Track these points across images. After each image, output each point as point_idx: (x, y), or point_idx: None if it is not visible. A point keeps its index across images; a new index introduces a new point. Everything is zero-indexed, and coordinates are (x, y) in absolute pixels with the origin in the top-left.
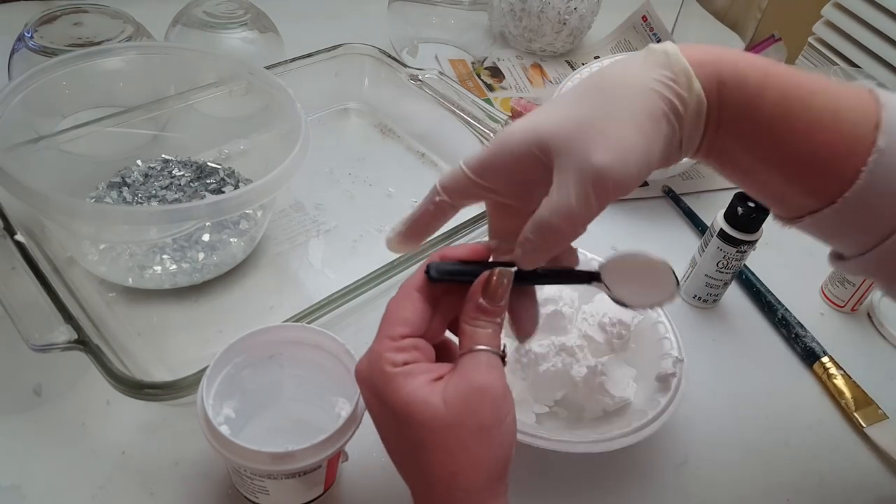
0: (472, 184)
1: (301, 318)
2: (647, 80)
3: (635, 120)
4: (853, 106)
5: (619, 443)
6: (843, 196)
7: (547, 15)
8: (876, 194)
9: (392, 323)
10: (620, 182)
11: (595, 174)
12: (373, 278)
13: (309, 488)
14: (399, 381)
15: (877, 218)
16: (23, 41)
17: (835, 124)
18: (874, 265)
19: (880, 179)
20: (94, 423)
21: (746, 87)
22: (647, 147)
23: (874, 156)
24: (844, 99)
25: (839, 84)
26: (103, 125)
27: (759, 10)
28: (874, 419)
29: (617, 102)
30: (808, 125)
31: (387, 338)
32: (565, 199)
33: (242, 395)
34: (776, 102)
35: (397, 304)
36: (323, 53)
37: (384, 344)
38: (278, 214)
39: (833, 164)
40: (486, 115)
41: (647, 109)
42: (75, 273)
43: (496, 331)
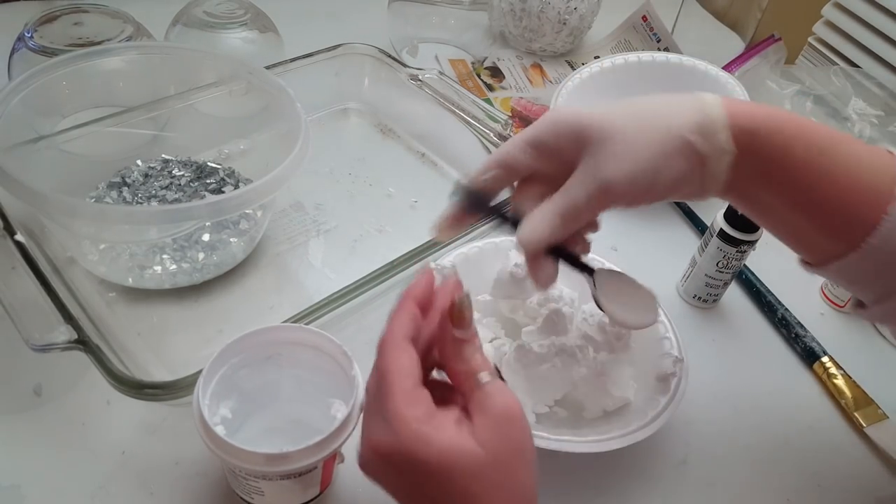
0: (523, 153)
1: (301, 318)
2: (678, 120)
3: (651, 151)
4: (874, 160)
5: (619, 442)
6: (866, 241)
7: (547, 15)
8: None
9: (401, 376)
10: (622, 196)
11: (603, 183)
12: (373, 278)
13: (304, 489)
14: (432, 436)
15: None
16: (23, 41)
17: (857, 175)
18: (894, 313)
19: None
20: (94, 423)
21: (777, 138)
22: (655, 176)
23: (894, 204)
24: (866, 154)
25: (861, 142)
26: (103, 125)
27: (759, 10)
28: (874, 419)
29: (646, 132)
30: (832, 174)
31: (401, 393)
32: (574, 195)
33: (239, 396)
34: (804, 153)
35: (396, 358)
36: (323, 53)
37: (402, 400)
38: (278, 214)
39: (856, 210)
40: (486, 115)
41: (667, 146)
42: (75, 273)
43: (481, 354)
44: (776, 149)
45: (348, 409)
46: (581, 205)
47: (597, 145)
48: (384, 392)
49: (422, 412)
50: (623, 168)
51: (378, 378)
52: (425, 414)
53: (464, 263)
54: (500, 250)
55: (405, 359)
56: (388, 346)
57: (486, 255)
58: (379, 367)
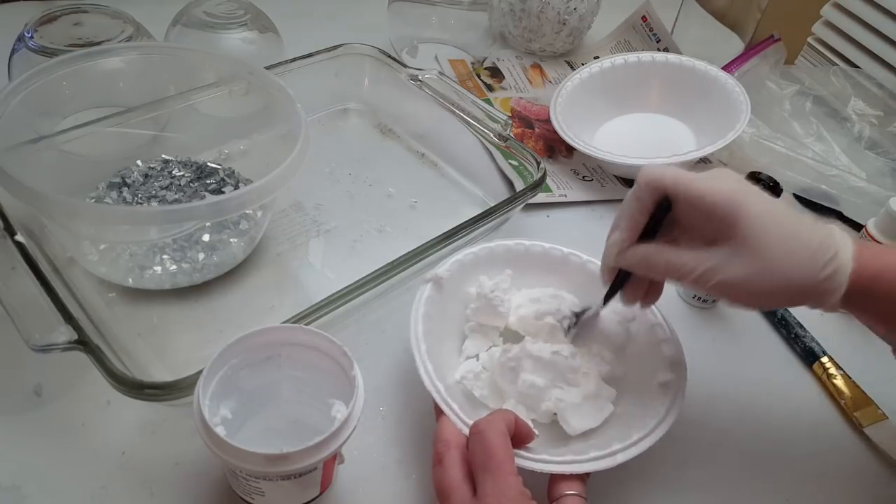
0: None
1: (301, 318)
2: (808, 271)
3: (776, 287)
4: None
5: (624, 455)
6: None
7: (547, 15)
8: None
9: (511, 460)
10: (728, 296)
11: (724, 282)
12: (373, 278)
13: (304, 490)
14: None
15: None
16: (23, 41)
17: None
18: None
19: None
20: (94, 423)
21: (891, 291)
22: (766, 302)
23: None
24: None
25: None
26: (103, 125)
27: (758, 10)
28: (873, 419)
29: (782, 266)
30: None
31: (512, 475)
32: (693, 265)
33: (240, 396)
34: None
35: (504, 443)
36: (323, 53)
37: (516, 481)
38: (278, 214)
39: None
40: (485, 116)
41: (791, 289)
42: (75, 273)
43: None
44: (893, 300)
45: (348, 409)
46: (685, 276)
47: (739, 245)
48: (497, 471)
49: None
50: (749, 286)
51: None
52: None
53: (459, 270)
54: (495, 256)
55: (505, 441)
56: (494, 428)
57: (481, 261)
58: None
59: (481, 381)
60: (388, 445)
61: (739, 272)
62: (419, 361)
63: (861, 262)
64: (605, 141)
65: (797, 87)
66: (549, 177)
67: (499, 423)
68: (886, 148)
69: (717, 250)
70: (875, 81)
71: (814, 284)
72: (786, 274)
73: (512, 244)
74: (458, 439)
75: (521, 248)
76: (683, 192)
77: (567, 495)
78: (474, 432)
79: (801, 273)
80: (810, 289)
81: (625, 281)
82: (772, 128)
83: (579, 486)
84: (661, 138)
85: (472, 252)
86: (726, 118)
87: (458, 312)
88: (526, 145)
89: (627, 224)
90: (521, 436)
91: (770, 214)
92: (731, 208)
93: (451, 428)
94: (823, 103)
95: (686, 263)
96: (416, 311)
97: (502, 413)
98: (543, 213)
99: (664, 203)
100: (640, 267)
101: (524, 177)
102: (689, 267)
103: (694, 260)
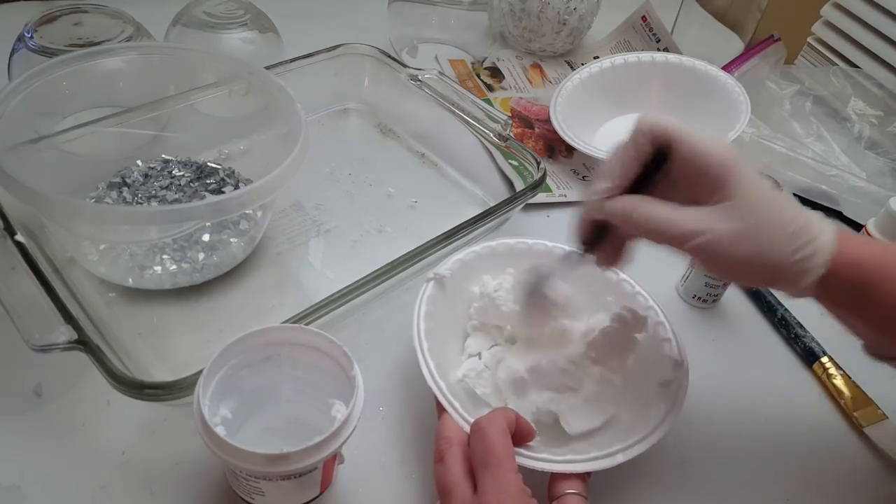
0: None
1: (301, 318)
2: (788, 248)
3: (753, 265)
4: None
5: (624, 455)
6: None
7: (547, 15)
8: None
9: (511, 458)
10: (705, 262)
11: (706, 245)
12: (373, 278)
13: (304, 490)
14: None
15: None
16: (23, 41)
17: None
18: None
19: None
20: (94, 423)
21: (864, 277)
22: (744, 275)
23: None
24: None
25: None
26: (103, 125)
27: (758, 10)
28: (873, 419)
29: (765, 240)
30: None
31: (512, 472)
32: (675, 220)
33: (240, 396)
34: (888, 288)
35: (505, 441)
36: (323, 53)
37: (516, 478)
38: (278, 214)
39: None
40: (485, 116)
41: (767, 266)
42: (75, 273)
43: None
44: (864, 287)
45: (348, 409)
46: (670, 233)
47: (728, 206)
48: (499, 467)
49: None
50: (730, 250)
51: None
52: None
53: (461, 269)
54: (497, 254)
55: (506, 440)
56: (495, 428)
57: (483, 260)
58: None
59: (483, 379)
60: (388, 445)
61: (724, 233)
62: (421, 359)
63: (841, 249)
64: (605, 141)
65: (797, 87)
66: (549, 177)
67: (499, 421)
68: (886, 148)
69: (704, 209)
70: (875, 81)
71: (793, 261)
72: (768, 241)
73: (514, 243)
74: (460, 437)
75: (523, 247)
76: (687, 141)
77: (568, 494)
78: (475, 430)
79: (783, 245)
80: (788, 265)
81: (598, 240)
82: (772, 128)
83: (580, 485)
84: None
85: (473, 251)
86: (726, 118)
87: (459, 311)
88: (526, 145)
89: (620, 171)
90: (522, 434)
91: (760, 183)
92: (725, 167)
93: (453, 425)
94: (823, 103)
95: (671, 219)
96: (418, 309)
97: (503, 411)
98: (543, 213)
99: (661, 153)
100: (624, 218)
101: (524, 177)
102: (674, 223)
103: (682, 216)
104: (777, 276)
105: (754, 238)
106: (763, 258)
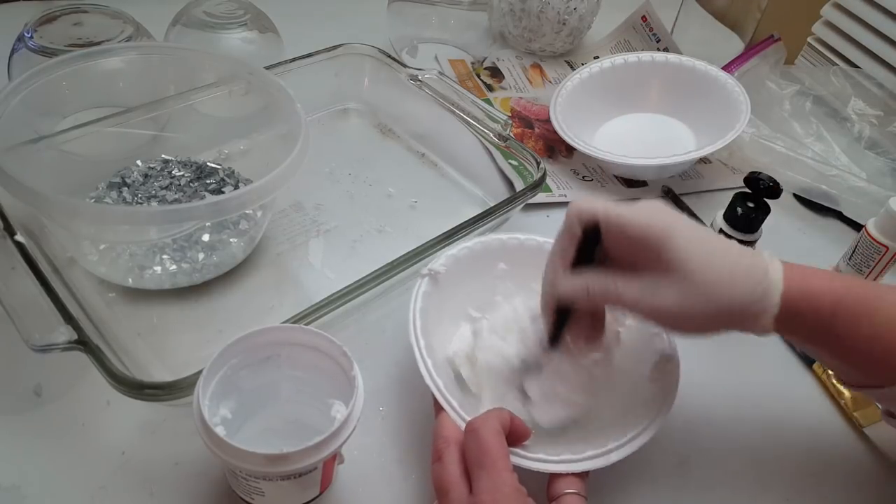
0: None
1: (300, 318)
2: (739, 292)
3: (707, 315)
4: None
5: (619, 454)
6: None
7: (547, 15)
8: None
9: (506, 457)
10: (661, 323)
11: (655, 310)
12: (373, 278)
13: (304, 490)
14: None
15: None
16: (23, 41)
17: (892, 334)
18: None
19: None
20: (94, 423)
21: (822, 311)
22: (701, 327)
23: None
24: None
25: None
26: (103, 125)
27: (758, 10)
28: (873, 419)
29: (711, 290)
30: (871, 336)
31: (507, 471)
32: (623, 291)
33: (239, 396)
34: (850, 321)
35: (499, 441)
36: (323, 53)
37: (511, 477)
38: (278, 214)
39: (892, 363)
40: (485, 116)
41: (721, 315)
42: (75, 273)
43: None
44: (823, 320)
45: (348, 409)
46: (619, 304)
47: (668, 270)
48: (494, 467)
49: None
50: (682, 311)
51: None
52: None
53: (454, 265)
54: (489, 250)
55: (500, 441)
56: (489, 428)
57: (475, 255)
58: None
59: (469, 362)
60: (387, 445)
61: (670, 297)
62: (419, 357)
63: (789, 281)
64: (605, 141)
65: (797, 87)
66: (549, 177)
67: (493, 422)
68: (886, 148)
69: (647, 278)
70: (875, 81)
71: (747, 304)
72: (717, 295)
73: (506, 238)
74: (458, 436)
75: (515, 243)
76: (614, 217)
77: (566, 494)
78: (469, 430)
79: (732, 293)
80: (743, 308)
81: (566, 320)
82: (772, 128)
83: (578, 485)
84: (661, 138)
85: (466, 247)
86: (726, 118)
87: (454, 307)
88: (526, 145)
89: (559, 255)
90: (517, 434)
91: (698, 240)
92: (657, 233)
93: (451, 425)
94: (823, 103)
95: (611, 290)
96: (413, 306)
97: (497, 411)
98: (543, 213)
99: (593, 233)
100: (577, 293)
101: (524, 177)
102: (615, 294)
103: (622, 287)
104: (739, 317)
105: (702, 295)
106: (717, 311)
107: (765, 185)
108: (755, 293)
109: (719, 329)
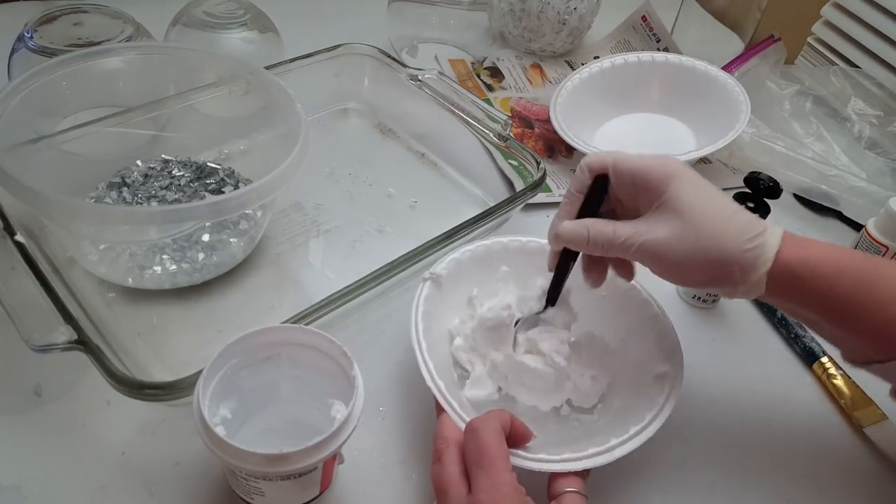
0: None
1: (300, 318)
2: (733, 243)
3: (699, 262)
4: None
5: (621, 451)
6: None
7: (547, 15)
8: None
9: (505, 457)
10: (654, 266)
11: (648, 249)
12: (373, 279)
13: (304, 490)
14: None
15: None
16: (23, 41)
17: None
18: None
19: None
20: (94, 423)
21: (824, 277)
22: (692, 275)
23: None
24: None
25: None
26: (103, 125)
27: (758, 10)
28: (873, 419)
29: (705, 235)
30: (874, 305)
31: (506, 470)
32: (620, 232)
33: (240, 396)
34: (852, 288)
35: (498, 441)
36: (323, 53)
37: (510, 477)
38: (278, 214)
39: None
40: (485, 116)
41: (712, 263)
42: (75, 273)
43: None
44: (825, 285)
45: (348, 409)
46: (616, 242)
47: (664, 208)
48: (492, 466)
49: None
50: (670, 250)
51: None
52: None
53: (456, 268)
54: (491, 253)
55: (500, 441)
56: (489, 427)
57: (477, 258)
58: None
59: (470, 354)
60: (388, 446)
61: (661, 234)
62: (420, 359)
63: (788, 245)
64: (605, 141)
65: (797, 87)
66: (549, 177)
67: (493, 422)
68: (886, 148)
69: (644, 217)
70: (875, 81)
71: (737, 254)
72: (711, 236)
73: (507, 241)
74: (458, 437)
75: (516, 245)
76: (622, 163)
77: (567, 493)
78: (468, 430)
79: (724, 240)
80: (733, 259)
81: (567, 270)
82: (772, 128)
83: (579, 483)
84: (661, 138)
85: (468, 250)
86: (726, 118)
87: (456, 310)
88: (526, 145)
89: (565, 207)
90: (518, 436)
91: (701, 187)
92: (661, 176)
93: (451, 426)
94: (823, 103)
95: (608, 230)
96: (416, 309)
97: (498, 412)
98: (543, 213)
99: (602, 181)
100: (573, 240)
101: (524, 177)
102: (611, 233)
103: (620, 227)
104: (724, 271)
105: (694, 234)
106: (708, 253)
107: (765, 185)
108: (750, 243)
109: (712, 278)
